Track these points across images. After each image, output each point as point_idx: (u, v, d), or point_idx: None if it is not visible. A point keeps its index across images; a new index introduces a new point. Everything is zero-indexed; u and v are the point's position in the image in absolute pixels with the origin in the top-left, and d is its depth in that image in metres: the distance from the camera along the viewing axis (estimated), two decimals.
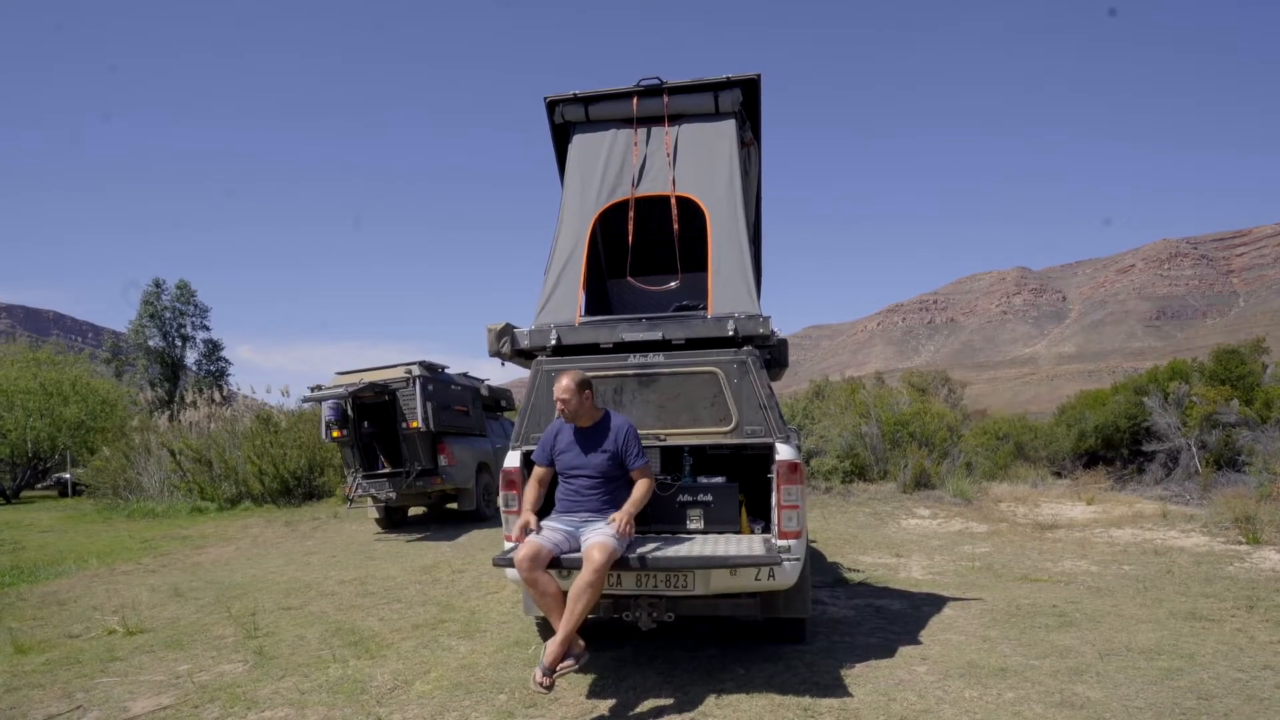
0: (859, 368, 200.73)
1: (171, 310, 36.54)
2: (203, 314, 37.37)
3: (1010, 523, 10.45)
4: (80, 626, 6.05)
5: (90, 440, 20.55)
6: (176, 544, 10.89)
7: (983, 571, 7.13)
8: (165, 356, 35.11)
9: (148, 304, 35.72)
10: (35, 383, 25.80)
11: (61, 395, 26.13)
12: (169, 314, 36.47)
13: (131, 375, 34.11)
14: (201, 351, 36.97)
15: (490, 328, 4.35)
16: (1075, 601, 5.58)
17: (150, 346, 35.06)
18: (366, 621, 5.71)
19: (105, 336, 40.52)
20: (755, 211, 5.65)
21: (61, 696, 4.38)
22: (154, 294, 36.07)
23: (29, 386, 25.51)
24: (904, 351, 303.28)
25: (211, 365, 36.81)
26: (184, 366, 35.87)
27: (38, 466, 25.97)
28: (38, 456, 25.50)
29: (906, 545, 8.75)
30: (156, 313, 36.03)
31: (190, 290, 37.53)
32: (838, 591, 6.36)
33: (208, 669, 4.77)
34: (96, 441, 19.51)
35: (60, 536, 12.78)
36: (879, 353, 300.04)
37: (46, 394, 25.80)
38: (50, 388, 25.97)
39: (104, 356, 36.78)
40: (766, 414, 4.06)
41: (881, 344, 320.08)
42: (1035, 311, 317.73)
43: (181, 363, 36.06)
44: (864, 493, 12.77)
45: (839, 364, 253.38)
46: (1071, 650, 4.35)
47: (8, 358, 27.31)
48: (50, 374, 26.82)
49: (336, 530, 11.29)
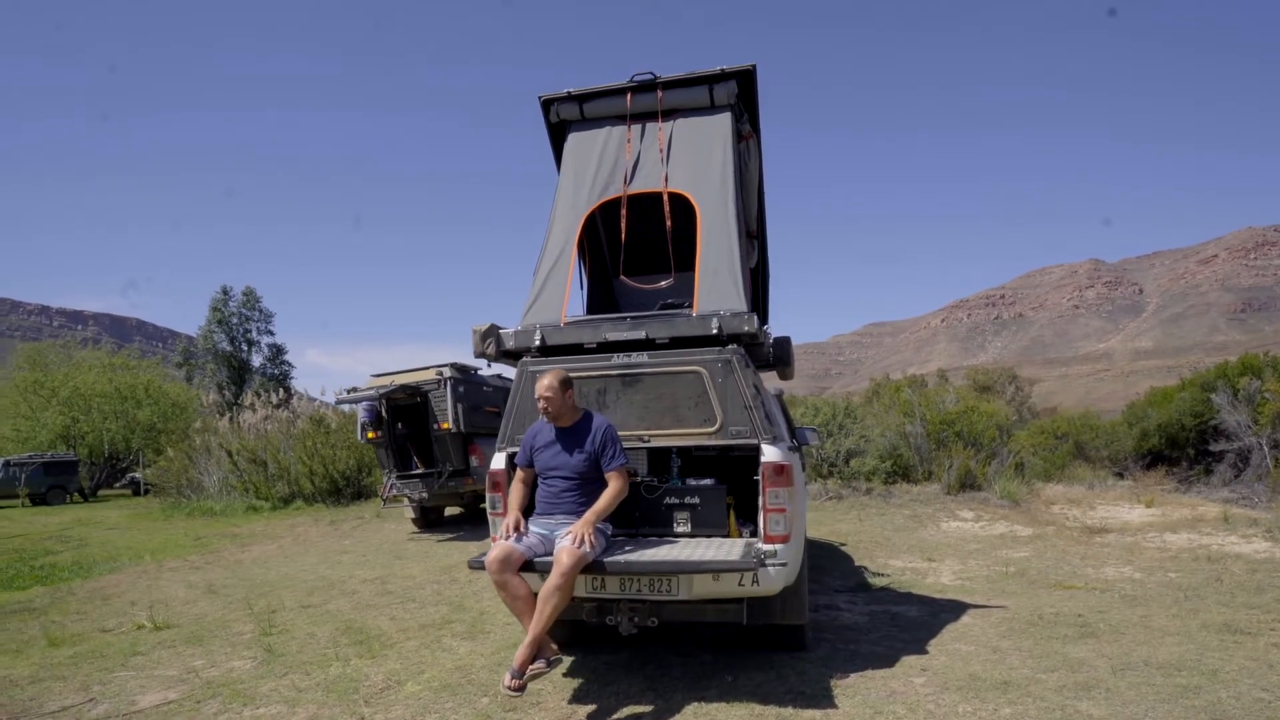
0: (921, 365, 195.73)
1: (238, 316, 38.05)
2: (267, 319, 38.83)
3: (1058, 526, 9.99)
4: (114, 621, 6.30)
5: (159, 442, 21.53)
6: (226, 542, 11.29)
7: (1015, 578, 6.82)
8: (232, 360, 36.58)
9: (216, 310, 37.29)
10: (111, 387, 27.25)
11: (135, 399, 27.54)
12: (235, 319, 37.98)
13: (201, 379, 35.67)
14: (266, 355, 38.41)
15: (475, 329, 4.34)
16: (1103, 611, 5.27)
17: (218, 351, 36.56)
18: (377, 621, 5.79)
19: (178, 341, 42.43)
20: (758, 205, 5.51)
21: (79, 689, 4.55)
22: (221, 300, 37.63)
23: (105, 391, 26.96)
24: (969, 348, 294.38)
25: (275, 368, 38.18)
26: (250, 370, 37.29)
27: (114, 466, 27.39)
28: (113, 457, 26.94)
29: (941, 549, 8.44)
30: (224, 318, 37.57)
31: (255, 296, 39.04)
32: (857, 597, 6.16)
33: (219, 665, 4.90)
34: (163, 443, 20.42)
35: (123, 534, 13.40)
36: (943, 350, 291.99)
37: (121, 398, 27.23)
38: (125, 391, 27.40)
39: (176, 361, 38.58)
40: (752, 414, 3.94)
41: (945, 341, 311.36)
42: (1110, 305, 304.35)
43: (247, 366, 37.50)
44: (905, 494, 12.40)
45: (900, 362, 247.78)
46: (1084, 663, 4.09)
47: (85, 363, 28.92)
48: (125, 379, 28.30)
49: (375, 530, 11.54)
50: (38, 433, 25.96)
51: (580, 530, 3.57)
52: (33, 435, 26.02)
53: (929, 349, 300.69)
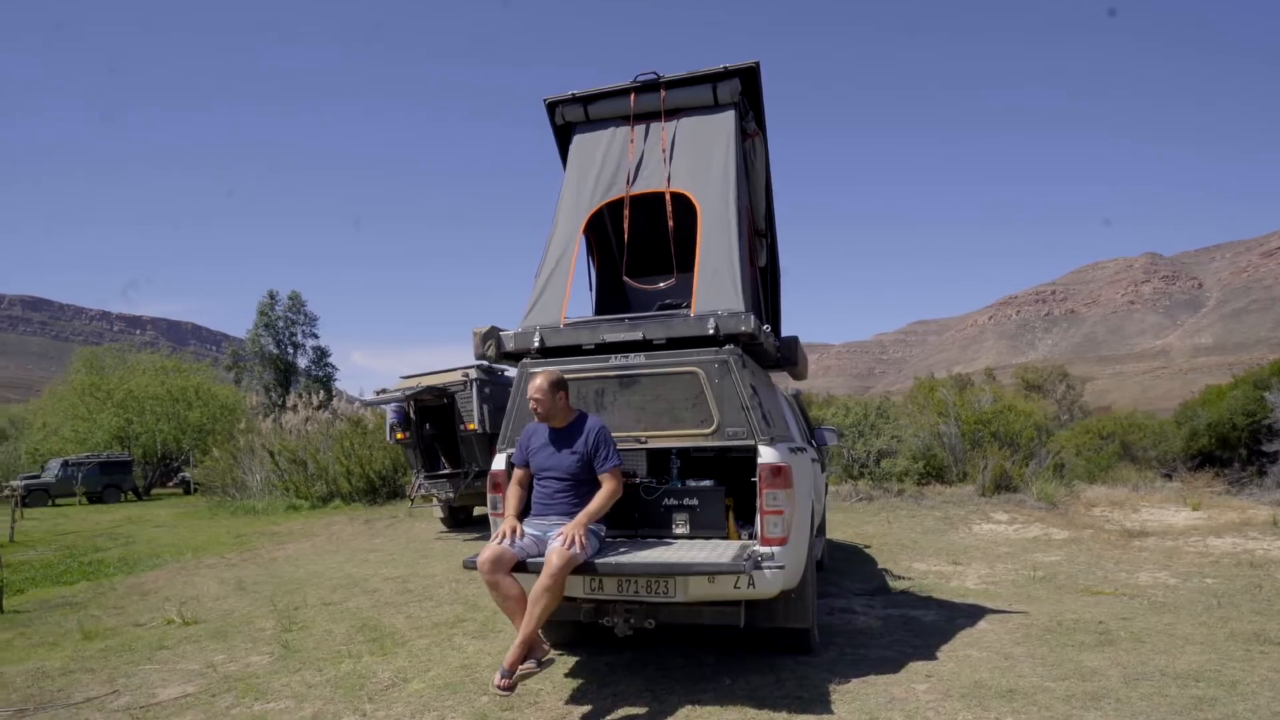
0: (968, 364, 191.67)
1: (284, 319, 39.05)
2: (311, 322, 39.80)
3: (1096, 529, 9.69)
4: (147, 616, 6.52)
5: (206, 442, 22.24)
6: (264, 540, 11.60)
7: (1043, 582, 6.63)
8: (278, 363, 37.57)
9: (263, 314, 38.34)
10: (163, 389, 28.23)
11: (186, 401, 28.48)
12: (282, 323, 38.99)
13: (249, 381, 36.72)
14: (311, 358, 39.35)
15: (476, 330, 4.39)
16: (1127, 618, 5.09)
17: (265, 354, 37.60)
18: (393, 619, 5.89)
19: (228, 344, 43.78)
20: (766, 203, 5.46)
21: (105, 681, 4.72)
22: (268, 305, 38.67)
23: (158, 393, 27.95)
24: (1018, 346, 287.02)
25: (319, 370, 39.10)
26: (295, 372, 38.25)
27: (167, 466, 28.37)
28: (166, 457, 27.90)
29: (969, 552, 8.26)
30: (270, 322, 38.59)
31: (301, 300, 40.02)
32: (875, 600, 6.07)
33: (238, 660, 5.04)
34: (210, 443, 21.07)
35: (169, 531, 13.87)
36: (990, 348, 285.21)
37: (173, 399, 28.20)
38: (176, 394, 28.36)
39: (225, 363, 39.80)
40: (749, 415, 3.91)
41: (993, 338, 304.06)
42: (1167, 300, 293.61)
43: (293, 368, 38.48)
44: (938, 495, 12.15)
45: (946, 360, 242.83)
46: (1097, 672, 3.96)
47: (139, 366, 30.01)
48: (176, 381, 29.29)
49: (405, 529, 11.74)
50: (94, 433, 27.02)
51: (571, 531, 3.58)
52: (89, 436, 27.09)
53: (976, 347, 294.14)
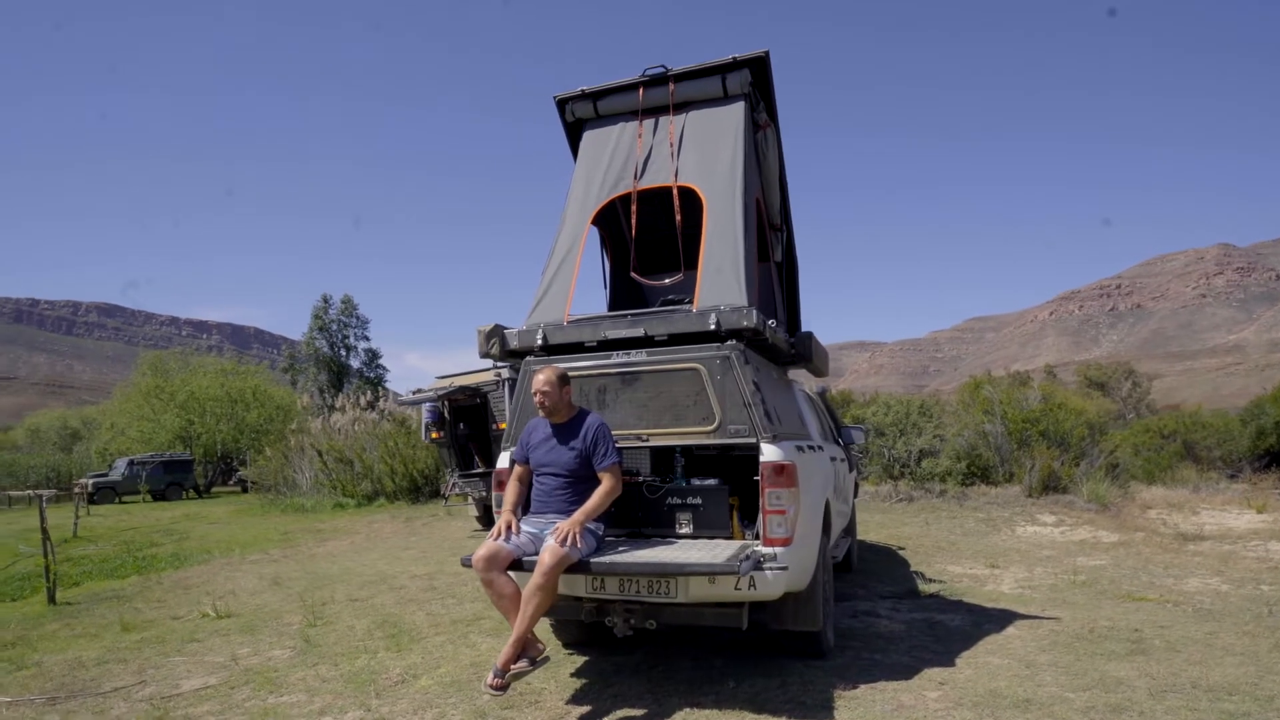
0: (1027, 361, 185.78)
1: (337, 323, 40.10)
2: (363, 325, 40.80)
3: (1148, 532, 9.26)
4: (185, 610, 6.73)
5: (261, 442, 22.98)
6: (308, 537, 11.90)
7: (1084, 587, 6.35)
8: (332, 364, 38.60)
9: (317, 318, 39.45)
10: (222, 391, 29.25)
11: (244, 402, 29.48)
12: (335, 326, 40.05)
13: (304, 383, 37.81)
14: (363, 359, 40.32)
15: (480, 329, 4.40)
16: (1166, 626, 4.83)
17: (319, 356, 38.67)
18: (414, 616, 5.95)
19: (286, 347, 45.15)
20: (781, 196, 5.34)
21: (135, 672, 4.88)
22: (322, 308, 39.77)
23: (217, 395, 28.99)
24: (1080, 342, 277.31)
25: (371, 371, 40.04)
26: (348, 373, 39.24)
27: (226, 465, 29.40)
28: (225, 457, 28.91)
29: (1009, 555, 7.97)
30: (325, 325, 39.69)
31: (353, 304, 41.06)
32: (901, 604, 5.89)
33: (261, 653, 5.15)
34: (264, 443, 21.75)
35: (221, 528, 14.34)
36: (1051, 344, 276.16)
37: (231, 401, 29.21)
38: (234, 395, 29.37)
39: (282, 366, 41.07)
40: (751, 412, 3.82)
41: (1054, 335, 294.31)
42: (1241, 293, 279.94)
43: (346, 370, 39.48)
44: (982, 496, 11.78)
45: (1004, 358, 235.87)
46: (1122, 683, 3.76)
47: (201, 369, 31.17)
48: (235, 383, 30.32)
49: (442, 527, 11.90)
50: (158, 434, 28.18)
51: (567, 528, 3.55)
52: (154, 436, 28.26)
53: (1036, 344, 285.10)
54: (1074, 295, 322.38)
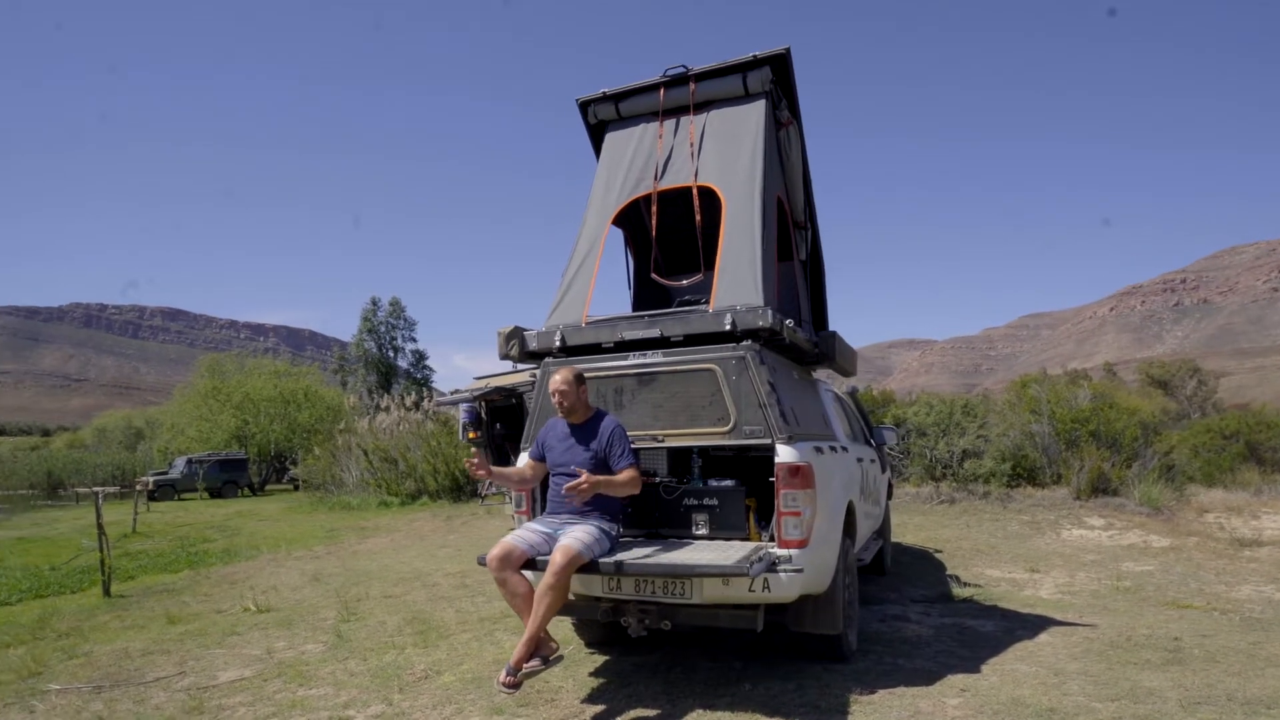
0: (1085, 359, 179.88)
1: (385, 325, 41.03)
2: (410, 327, 41.71)
3: (1203, 537, 8.89)
4: (229, 604, 6.96)
5: (311, 441, 23.60)
6: (352, 534, 12.19)
7: (1127, 593, 6.14)
8: (380, 365, 39.50)
9: (366, 320, 40.45)
10: (275, 392, 30.13)
11: (296, 403, 30.30)
12: (383, 328, 40.99)
13: (354, 384, 38.76)
14: (410, 361, 41.17)
15: (500, 331, 4.45)
16: (1208, 635, 4.63)
17: (368, 357, 39.61)
18: (444, 613, 6.06)
19: (337, 349, 46.36)
20: (805, 194, 5.28)
21: (176, 663, 5.07)
22: (371, 311, 40.76)
23: (270, 395, 29.87)
24: (1143, 339, 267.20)
25: (418, 372, 40.86)
26: (396, 374, 40.11)
27: (279, 464, 30.27)
28: (279, 455, 29.78)
29: (1051, 559, 7.74)
30: (373, 327, 40.66)
31: (401, 306, 42.01)
32: (933, 608, 5.77)
33: (295, 647, 5.31)
34: (313, 442, 22.33)
35: (271, 525, 14.78)
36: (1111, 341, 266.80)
37: (284, 401, 30.07)
38: (287, 396, 30.22)
39: (332, 367, 42.19)
40: (766, 413, 3.79)
41: (1114, 331, 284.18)
42: None
43: (394, 370, 40.35)
44: (1027, 498, 11.44)
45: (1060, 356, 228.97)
46: (1153, 693, 3.62)
47: (255, 370, 32.16)
48: (287, 384, 31.19)
49: (480, 526, 12.07)
50: (215, 433, 29.20)
51: (587, 479, 3.62)
52: (211, 435, 29.29)
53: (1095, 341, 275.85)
54: (1136, 290, 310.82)
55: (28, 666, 5.01)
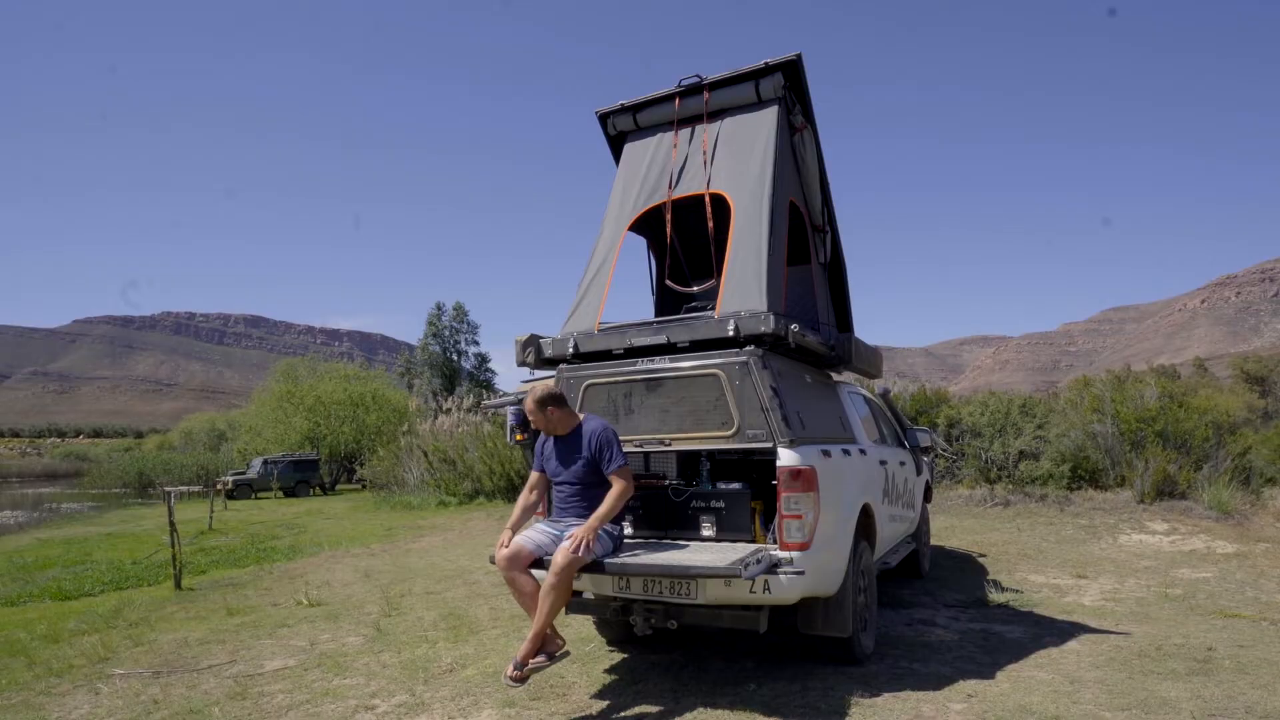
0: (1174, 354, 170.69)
1: (449, 329, 42.12)
2: (474, 330, 42.69)
3: (1273, 543, 8.44)
4: (284, 598, 7.35)
5: (377, 443, 24.46)
6: (409, 533, 12.64)
7: (1175, 601, 5.91)
8: (444, 368, 40.59)
9: (431, 324, 41.62)
10: (345, 395, 31.31)
11: (364, 405, 31.42)
12: (448, 332, 42.09)
13: (419, 386, 39.92)
14: (473, 363, 42.15)
15: (517, 339, 4.61)
16: (1246, 645, 4.45)
17: (433, 360, 40.75)
18: (479, 609, 6.28)
19: (403, 353, 47.81)
20: (823, 197, 5.28)
21: (229, 652, 5.42)
22: (435, 315, 41.91)
23: (340, 398, 31.04)
24: (1238, 332, 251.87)
25: (481, 375, 41.80)
26: (459, 377, 41.13)
27: (349, 464, 31.44)
28: (348, 456, 30.94)
29: (1101, 565, 7.48)
30: (438, 331, 41.80)
31: (464, 310, 43.06)
32: (964, 613, 5.69)
33: (338, 639, 5.60)
34: (379, 444, 23.14)
35: (336, 523, 15.43)
36: (1203, 335, 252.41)
37: (353, 404, 31.21)
38: (356, 399, 31.35)
39: (399, 370, 43.55)
40: (769, 417, 3.84)
41: (1207, 324, 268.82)
42: None
43: (458, 373, 41.39)
44: (1087, 502, 11.03)
45: (1147, 351, 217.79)
46: (1168, 704, 3.51)
47: (327, 374, 33.48)
48: (356, 388, 32.35)
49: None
50: (289, 435, 30.55)
51: (581, 535, 3.69)
52: (285, 437, 30.66)
53: (1184, 335, 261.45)
54: (1230, 280, 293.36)
55: (97, 652, 5.44)
